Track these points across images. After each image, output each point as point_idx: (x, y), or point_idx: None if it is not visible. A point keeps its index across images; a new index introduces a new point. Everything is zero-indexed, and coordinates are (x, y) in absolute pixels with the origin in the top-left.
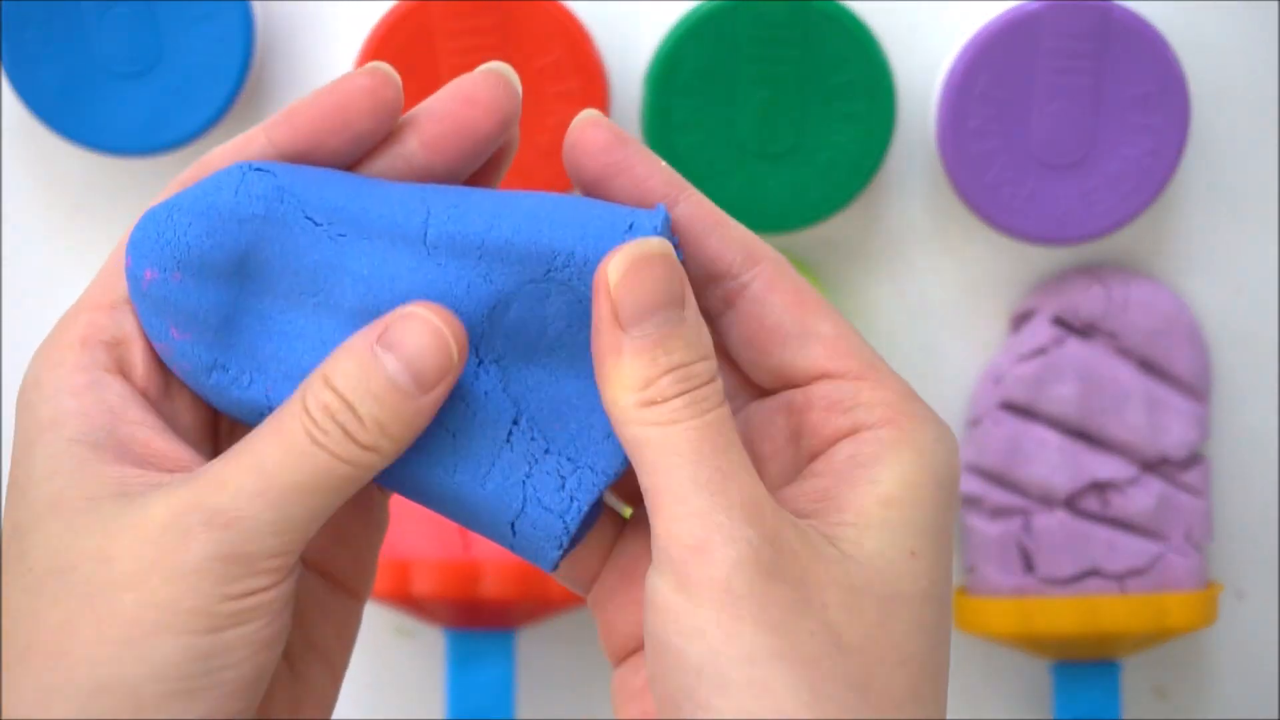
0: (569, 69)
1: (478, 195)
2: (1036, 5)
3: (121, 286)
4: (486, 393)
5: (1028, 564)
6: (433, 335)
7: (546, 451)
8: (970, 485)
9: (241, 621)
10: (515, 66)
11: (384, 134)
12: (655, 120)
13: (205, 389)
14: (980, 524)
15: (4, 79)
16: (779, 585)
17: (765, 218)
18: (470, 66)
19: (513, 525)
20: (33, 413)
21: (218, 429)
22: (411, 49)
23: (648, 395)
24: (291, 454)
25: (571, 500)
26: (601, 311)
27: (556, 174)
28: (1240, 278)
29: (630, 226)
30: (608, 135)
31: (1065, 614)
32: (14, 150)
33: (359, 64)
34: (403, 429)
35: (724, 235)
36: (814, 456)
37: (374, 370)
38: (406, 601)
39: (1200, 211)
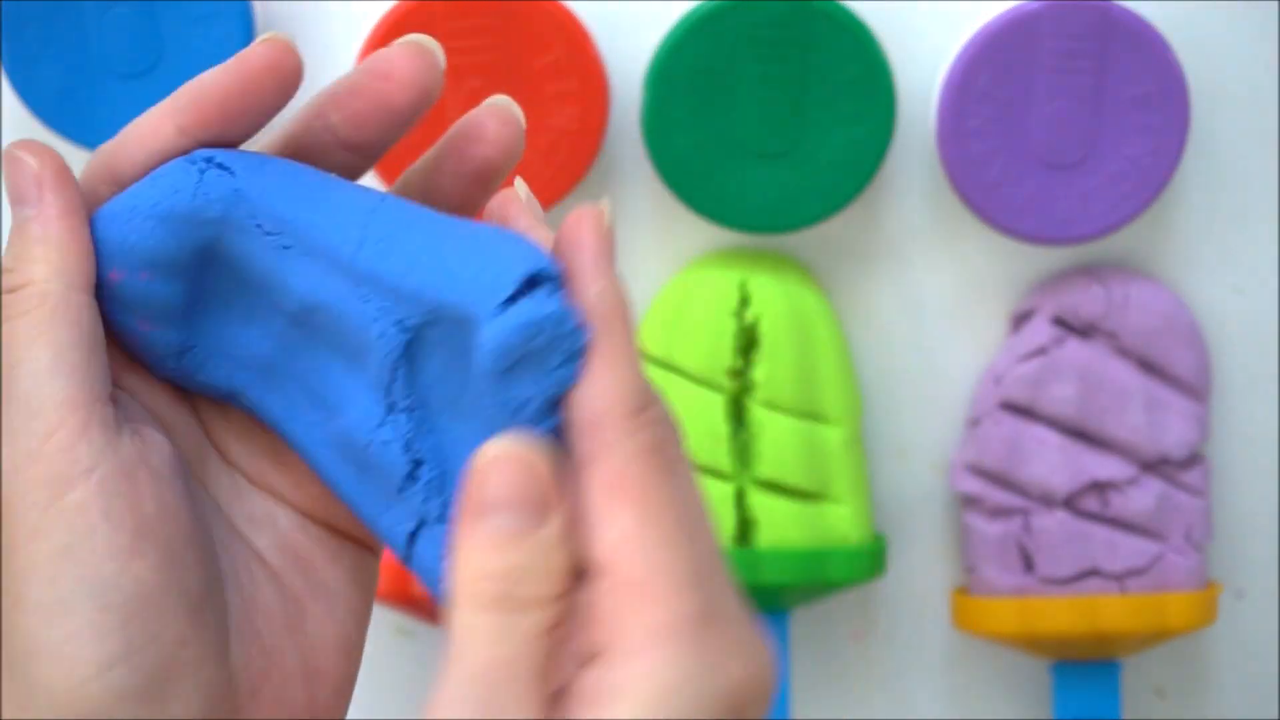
0: (569, 69)
1: (420, 225)
2: (1036, 5)
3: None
4: (385, 442)
5: (1027, 564)
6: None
7: (441, 518)
8: (970, 485)
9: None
10: (515, 66)
11: (287, 102)
12: (655, 120)
13: (175, 372)
14: (980, 524)
15: (4, 79)
16: None
17: (765, 218)
18: (470, 66)
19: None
20: None
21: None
22: None
23: (473, 588)
24: None
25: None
26: (466, 489)
27: (556, 174)
28: (1240, 277)
29: (515, 296)
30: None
31: (1065, 614)
32: None
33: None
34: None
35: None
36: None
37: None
38: (407, 602)
39: (1200, 211)
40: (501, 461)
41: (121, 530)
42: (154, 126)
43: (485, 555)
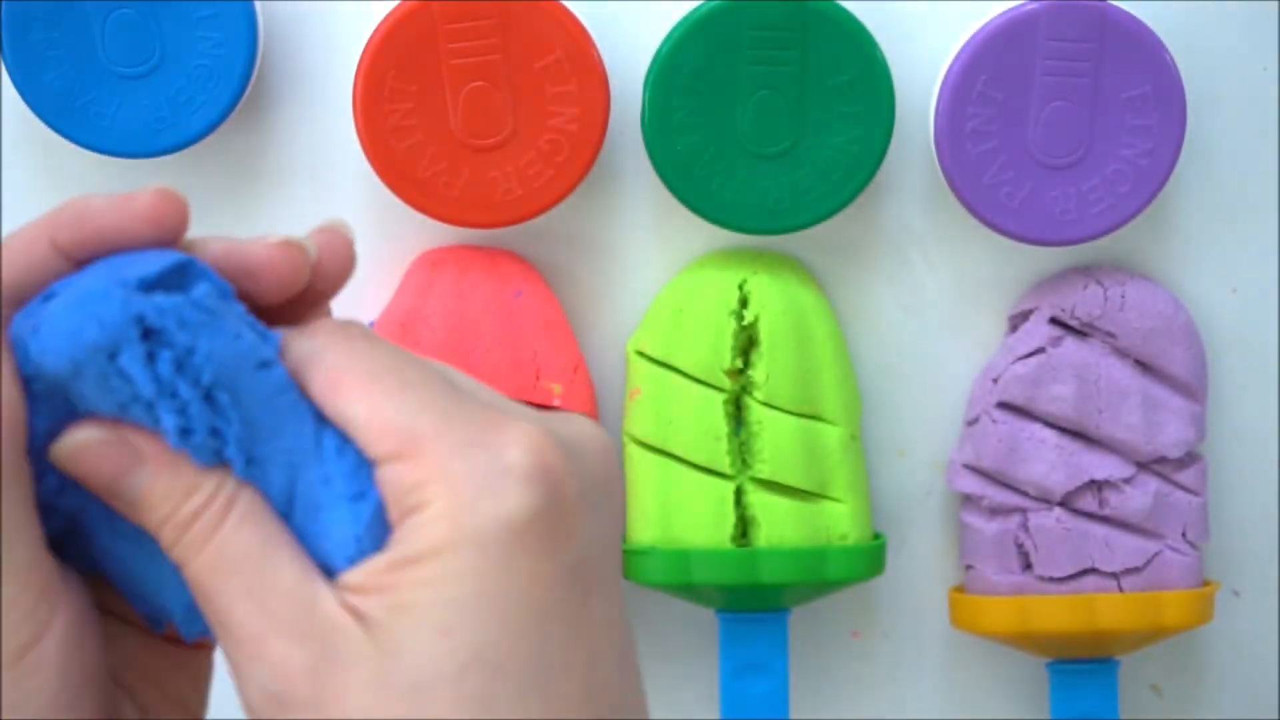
0: (569, 69)
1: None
2: (1033, 7)
3: None
4: None
5: (1025, 562)
6: None
7: None
8: (968, 484)
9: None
10: (515, 66)
11: None
12: (655, 120)
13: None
14: (978, 523)
15: (7, 81)
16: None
17: (765, 218)
18: (471, 67)
19: None
20: None
21: None
22: (413, 49)
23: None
24: None
25: None
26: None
27: (557, 175)
28: (1236, 277)
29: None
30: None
31: (1062, 612)
32: (16, 152)
33: (362, 66)
34: None
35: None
36: None
37: None
38: None
39: (1197, 212)
40: (72, 457)
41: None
42: (31, 239)
43: (149, 510)
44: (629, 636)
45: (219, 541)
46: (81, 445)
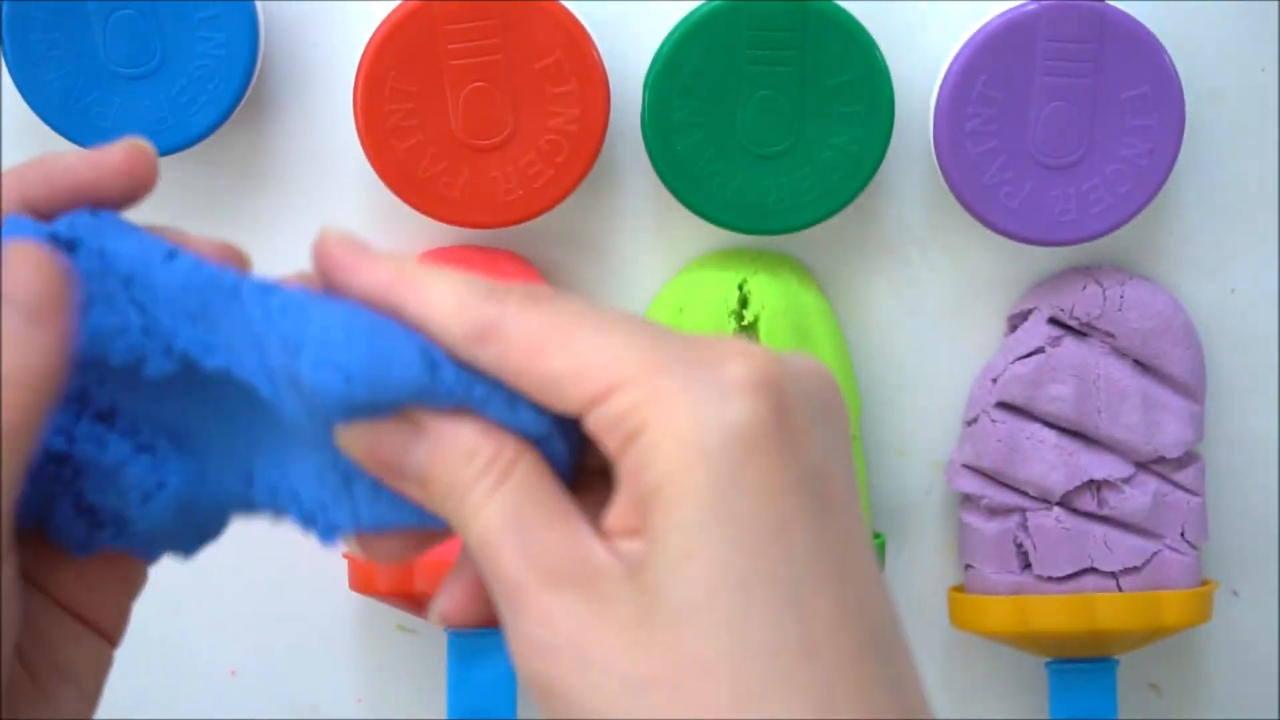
0: (569, 69)
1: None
2: (1033, 7)
3: None
4: None
5: (1025, 562)
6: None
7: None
8: (967, 484)
9: None
10: (515, 66)
11: (133, 204)
12: (655, 120)
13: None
14: (977, 522)
15: (7, 81)
16: (555, 664)
17: (764, 218)
18: (472, 68)
19: None
20: None
21: None
22: (414, 50)
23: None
24: None
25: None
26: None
27: (557, 175)
28: (1235, 278)
29: None
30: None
31: (1061, 612)
32: (18, 152)
33: (362, 66)
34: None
35: (445, 321)
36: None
37: None
38: (408, 599)
39: (1196, 212)
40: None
41: None
42: (5, 188)
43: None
44: (876, 561)
45: (498, 503)
46: (369, 427)
